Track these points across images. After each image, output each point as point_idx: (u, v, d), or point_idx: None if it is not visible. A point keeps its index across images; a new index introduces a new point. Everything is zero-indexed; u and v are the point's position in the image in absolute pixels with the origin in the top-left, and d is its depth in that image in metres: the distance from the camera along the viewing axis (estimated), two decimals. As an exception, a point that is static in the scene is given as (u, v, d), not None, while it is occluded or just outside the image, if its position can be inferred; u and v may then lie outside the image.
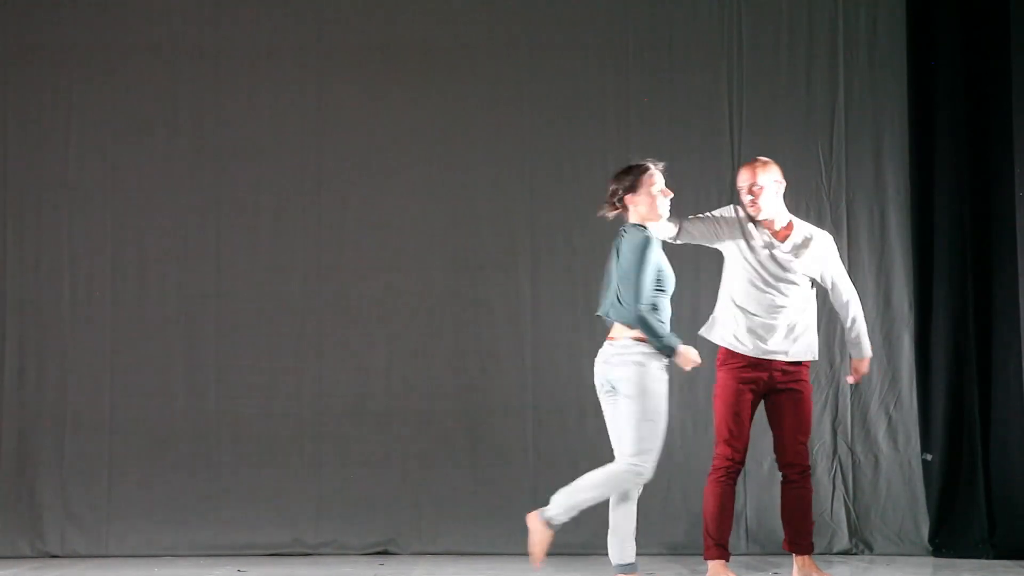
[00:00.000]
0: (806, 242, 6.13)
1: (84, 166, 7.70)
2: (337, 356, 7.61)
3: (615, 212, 5.61)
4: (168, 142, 7.72)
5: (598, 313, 5.65)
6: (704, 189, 7.60)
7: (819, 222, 7.55)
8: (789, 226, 6.16)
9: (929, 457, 7.41)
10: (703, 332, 6.18)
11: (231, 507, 7.50)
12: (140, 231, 7.69)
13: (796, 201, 7.57)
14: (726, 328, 6.10)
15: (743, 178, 6.12)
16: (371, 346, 7.65)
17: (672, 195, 5.58)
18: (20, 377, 7.59)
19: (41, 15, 7.78)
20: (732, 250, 6.11)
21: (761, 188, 6.05)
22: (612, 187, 5.59)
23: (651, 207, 5.54)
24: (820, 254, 6.15)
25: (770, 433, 7.47)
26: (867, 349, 6.24)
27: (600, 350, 5.56)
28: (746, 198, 6.08)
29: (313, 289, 7.65)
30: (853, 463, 7.49)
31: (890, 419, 7.51)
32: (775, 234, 6.11)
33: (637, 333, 5.42)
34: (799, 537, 6.16)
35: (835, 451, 7.50)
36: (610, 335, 5.55)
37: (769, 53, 7.71)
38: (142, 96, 7.74)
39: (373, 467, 7.50)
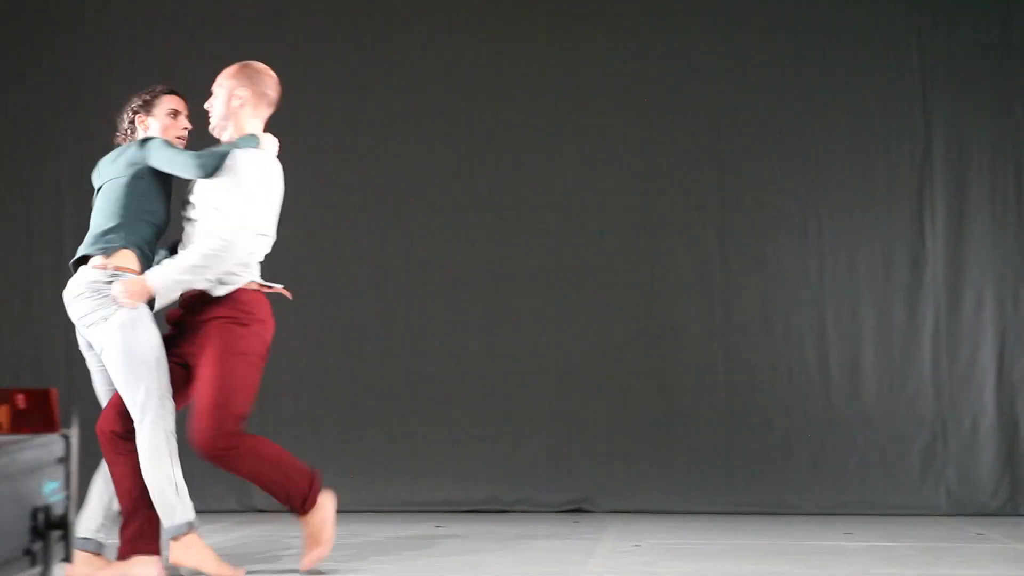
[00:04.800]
0: None
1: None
2: (526, 318, 7.68)
3: None
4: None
5: None
6: (897, 151, 7.55)
7: (1018, 183, 7.47)
8: None
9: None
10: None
11: (428, 465, 7.64)
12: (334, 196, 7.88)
13: (993, 160, 7.47)
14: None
15: None
16: (559, 307, 7.68)
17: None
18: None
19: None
20: None
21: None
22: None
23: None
24: None
25: (971, 388, 7.39)
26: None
27: None
28: None
29: (499, 252, 7.74)
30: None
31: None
32: None
33: None
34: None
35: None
36: None
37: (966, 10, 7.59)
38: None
39: (565, 426, 7.57)
